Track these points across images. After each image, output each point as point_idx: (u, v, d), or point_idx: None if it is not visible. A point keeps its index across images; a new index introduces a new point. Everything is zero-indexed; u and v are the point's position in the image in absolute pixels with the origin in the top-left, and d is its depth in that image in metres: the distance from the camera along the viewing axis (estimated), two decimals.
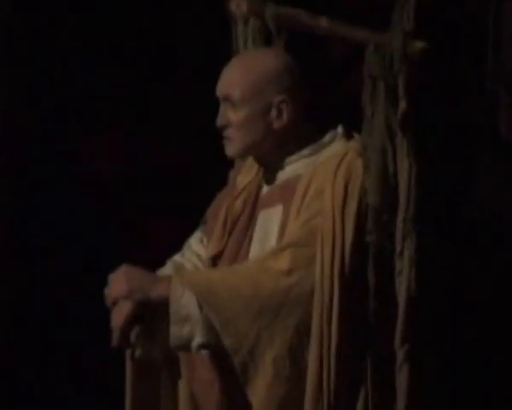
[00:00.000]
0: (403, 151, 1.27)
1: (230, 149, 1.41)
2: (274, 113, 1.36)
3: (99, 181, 2.46)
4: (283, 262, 1.28)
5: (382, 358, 1.30)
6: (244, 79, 1.37)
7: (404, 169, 1.27)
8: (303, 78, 1.41)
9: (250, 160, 1.50)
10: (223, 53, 1.53)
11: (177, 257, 1.54)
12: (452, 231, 1.79)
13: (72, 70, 2.42)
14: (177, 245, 1.59)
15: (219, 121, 1.40)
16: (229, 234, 1.45)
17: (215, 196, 1.57)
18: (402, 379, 1.28)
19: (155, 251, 1.67)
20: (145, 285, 1.29)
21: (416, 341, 1.31)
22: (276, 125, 1.37)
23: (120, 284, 1.29)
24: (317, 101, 1.48)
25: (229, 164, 1.56)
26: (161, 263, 1.52)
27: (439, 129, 1.76)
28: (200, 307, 1.25)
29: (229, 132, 1.39)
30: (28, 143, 2.46)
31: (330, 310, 1.26)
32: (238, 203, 1.47)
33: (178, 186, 2.32)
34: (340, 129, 1.42)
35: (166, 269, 1.49)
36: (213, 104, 1.42)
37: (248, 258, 1.40)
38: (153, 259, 1.48)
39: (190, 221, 1.63)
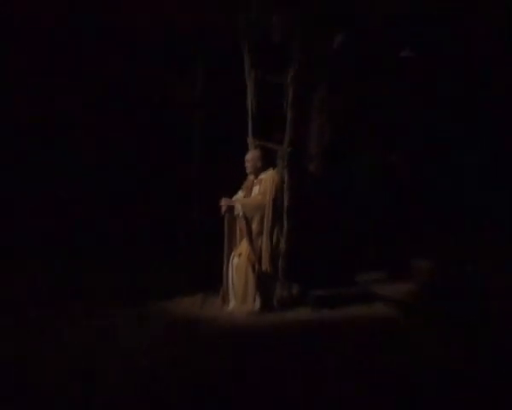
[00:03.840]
0: (284, 166, 5.77)
1: (248, 170, 5.96)
2: (258, 162, 5.90)
3: None
4: (259, 197, 5.80)
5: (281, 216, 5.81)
6: (252, 157, 5.94)
7: (286, 172, 5.76)
8: (264, 155, 5.92)
9: (250, 176, 6.03)
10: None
11: (237, 195, 6.03)
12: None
13: None
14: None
15: (246, 163, 5.94)
16: (247, 191, 6.01)
17: (244, 182, 6.09)
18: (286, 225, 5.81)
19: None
20: (230, 202, 5.83)
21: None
22: (258, 165, 5.91)
23: (224, 201, 5.81)
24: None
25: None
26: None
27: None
28: (241, 206, 5.76)
29: (247, 167, 5.95)
30: None
31: (269, 209, 5.75)
32: (249, 183, 6.02)
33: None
34: (272, 169, 5.91)
35: (234, 198, 5.98)
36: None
37: (251, 196, 5.94)
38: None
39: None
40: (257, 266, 5.70)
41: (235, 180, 6.05)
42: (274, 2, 5.45)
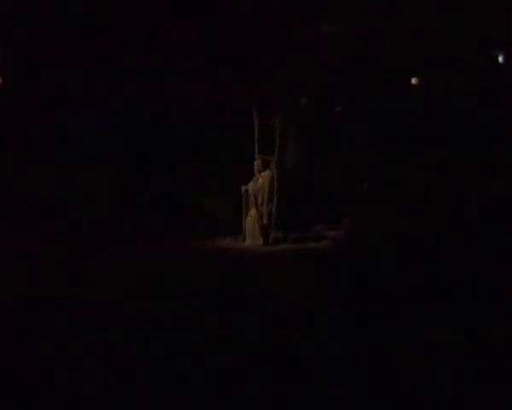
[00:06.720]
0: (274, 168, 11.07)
1: (256, 170, 11.22)
2: (261, 166, 11.17)
3: None
4: (261, 184, 11.08)
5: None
6: (258, 163, 11.19)
7: (275, 171, 11.05)
8: (264, 162, 11.19)
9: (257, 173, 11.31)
10: None
11: (250, 184, 11.24)
12: None
13: None
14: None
15: (255, 166, 11.21)
16: (255, 181, 11.28)
17: (254, 175, 11.34)
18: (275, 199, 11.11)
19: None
20: (247, 187, 11.10)
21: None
22: (261, 168, 11.17)
23: (243, 187, 11.07)
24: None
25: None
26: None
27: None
28: (252, 189, 11.04)
29: (255, 168, 11.20)
30: None
31: (267, 190, 11.03)
32: (256, 177, 11.28)
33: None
34: (268, 169, 11.21)
35: (248, 185, 11.21)
36: None
37: (257, 183, 11.19)
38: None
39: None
40: (260, 221, 10.97)
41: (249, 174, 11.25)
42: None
